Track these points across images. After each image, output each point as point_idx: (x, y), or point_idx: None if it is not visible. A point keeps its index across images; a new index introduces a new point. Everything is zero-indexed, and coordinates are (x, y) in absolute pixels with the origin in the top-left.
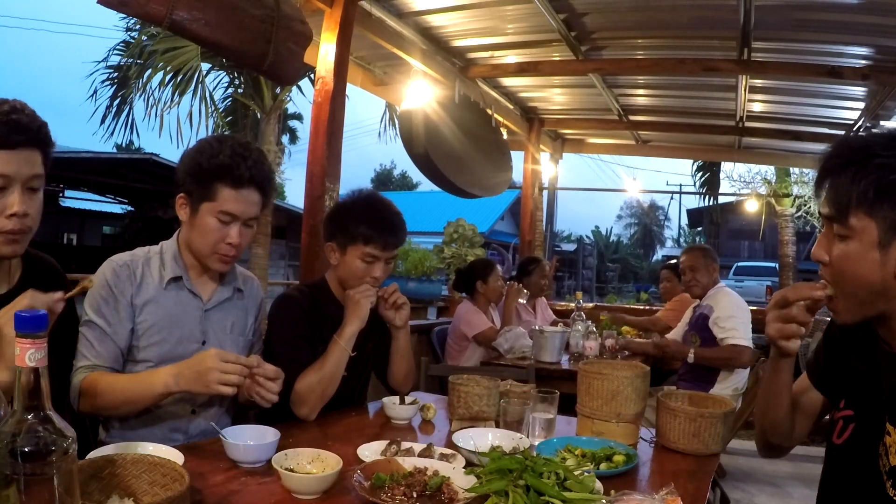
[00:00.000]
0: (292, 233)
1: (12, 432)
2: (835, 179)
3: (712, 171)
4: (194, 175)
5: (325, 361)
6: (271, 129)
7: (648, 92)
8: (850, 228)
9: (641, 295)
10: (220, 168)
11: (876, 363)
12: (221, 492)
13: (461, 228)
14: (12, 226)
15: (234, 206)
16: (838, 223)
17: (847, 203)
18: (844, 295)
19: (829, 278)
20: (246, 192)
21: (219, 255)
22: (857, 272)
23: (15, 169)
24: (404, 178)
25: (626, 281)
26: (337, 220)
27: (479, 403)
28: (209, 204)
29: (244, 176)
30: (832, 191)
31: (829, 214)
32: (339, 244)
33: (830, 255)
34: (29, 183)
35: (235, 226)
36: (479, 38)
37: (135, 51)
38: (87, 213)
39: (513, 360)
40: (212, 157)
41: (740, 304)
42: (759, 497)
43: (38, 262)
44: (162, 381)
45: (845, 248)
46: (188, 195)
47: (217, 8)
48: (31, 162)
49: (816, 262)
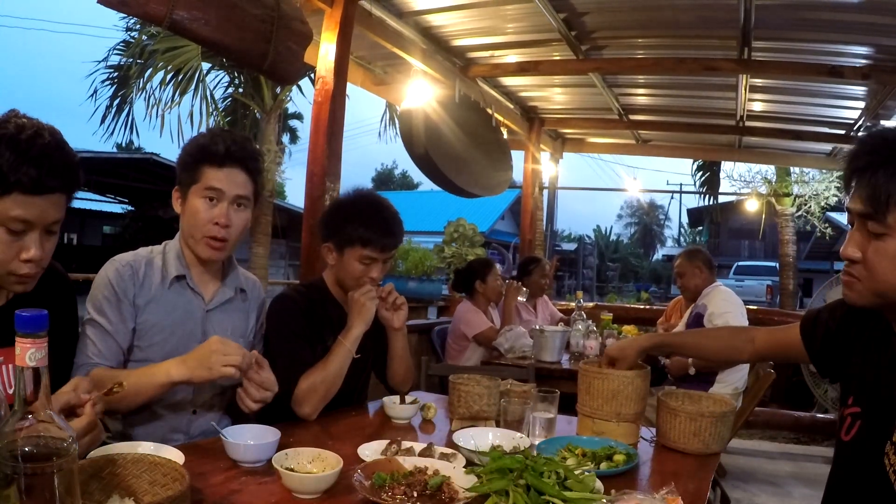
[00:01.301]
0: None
1: (13, 432)
2: (870, 177)
3: (712, 170)
4: (182, 164)
5: (329, 362)
6: (271, 129)
7: (649, 91)
8: (888, 226)
9: (642, 294)
10: (201, 149)
11: (889, 361)
12: (222, 491)
13: (461, 228)
14: (27, 270)
15: (217, 182)
16: (874, 220)
17: (886, 200)
18: (872, 289)
19: (860, 275)
20: (228, 170)
21: (206, 237)
22: (893, 269)
23: (39, 215)
24: (405, 178)
25: (626, 280)
26: (333, 222)
27: (479, 403)
28: (195, 186)
29: (221, 151)
30: (868, 188)
31: (863, 212)
32: (336, 245)
33: (864, 252)
34: (50, 227)
35: (222, 205)
36: (480, 38)
37: (135, 50)
38: (88, 212)
39: (513, 359)
40: (195, 142)
41: (734, 300)
42: (760, 496)
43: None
44: (164, 371)
45: (883, 245)
46: (180, 186)
47: (217, 7)
48: (57, 206)
49: (847, 259)
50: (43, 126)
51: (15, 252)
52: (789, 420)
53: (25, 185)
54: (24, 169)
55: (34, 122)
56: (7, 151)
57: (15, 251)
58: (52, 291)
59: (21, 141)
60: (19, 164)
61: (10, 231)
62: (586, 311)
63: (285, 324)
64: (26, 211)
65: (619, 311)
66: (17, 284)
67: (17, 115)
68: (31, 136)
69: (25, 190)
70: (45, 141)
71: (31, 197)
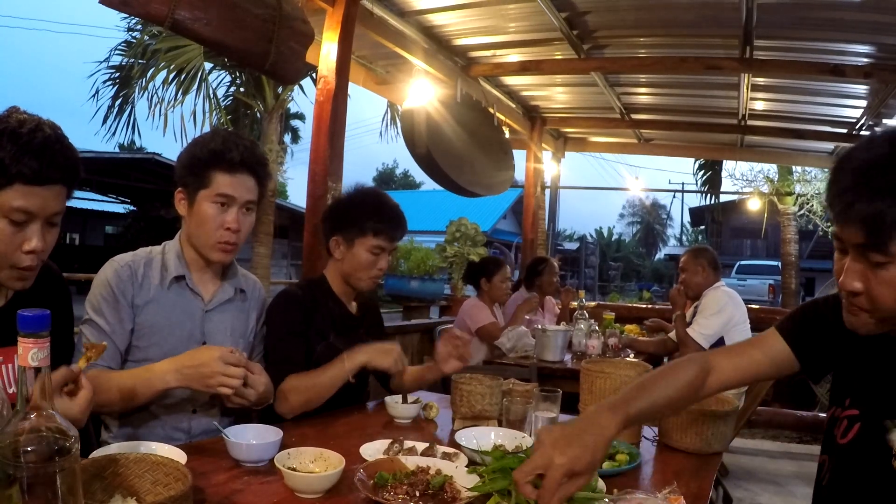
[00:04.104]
0: (294, 232)
1: (15, 432)
2: (865, 207)
3: (714, 169)
4: (189, 166)
5: (323, 374)
6: (273, 129)
7: (650, 90)
8: (890, 255)
9: (644, 293)
10: (213, 154)
11: (891, 362)
12: (224, 491)
13: (463, 227)
14: (29, 262)
15: (230, 189)
16: (875, 251)
17: (888, 230)
18: (878, 318)
19: (863, 305)
20: (240, 176)
21: (219, 243)
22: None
23: (41, 205)
24: (406, 178)
25: (628, 280)
26: (343, 214)
27: (481, 402)
28: (205, 191)
29: (236, 159)
30: (866, 219)
31: (861, 243)
32: (346, 238)
33: (866, 283)
34: (51, 218)
35: (233, 210)
36: (481, 37)
37: (137, 50)
38: (90, 212)
39: (515, 358)
40: (204, 145)
41: (728, 303)
42: (762, 496)
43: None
44: (161, 378)
45: (886, 274)
46: (185, 188)
47: (219, 7)
48: (58, 198)
49: (848, 292)
50: (43, 121)
51: (17, 244)
52: (791, 419)
53: (27, 175)
54: (26, 160)
55: (35, 117)
56: (9, 144)
57: (17, 243)
58: (48, 291)
59: (22, 134)
60: (21, 155)
61: (13, 222)
62: (588, 310)
63: (283, 321)
64: (28, 202)
65: (622, 311)
66: (17, 281)
67: (18, 111)
68: (32, 129)
69: (27, 181)
70: (45, 134)
71: (33, 188)
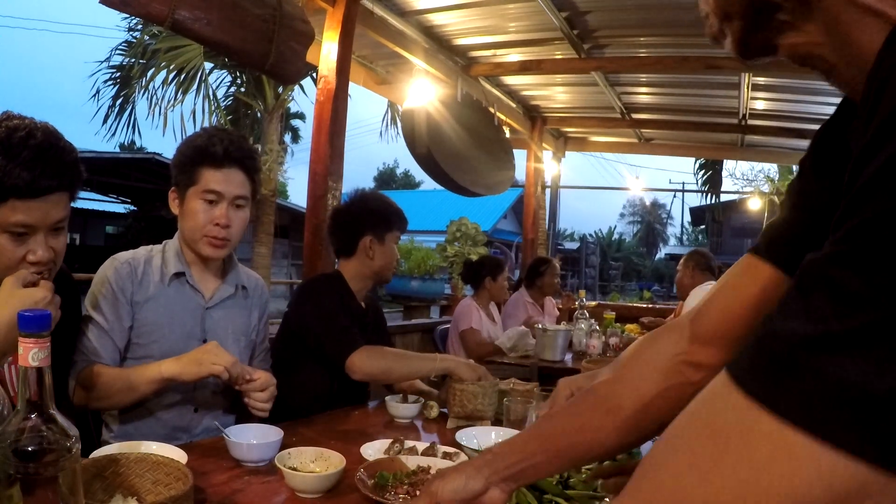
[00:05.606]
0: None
1: (16, 431)
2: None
3: (715, 169)
4: (178, 165)
5: (414, 357)
6: (273, 129)
7: (651, 90)
8: None
9: (644, 293)
10: (198, 150)
11: None
12: (225, 491)
13: (464, 227)
14: (35, 272)
15: (217, 185)
16: None
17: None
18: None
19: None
20: (227, 171)
21: (208, 237)
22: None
23: (40, 217)
24: (407, 177)
25: (629, 279)
26: (372, 216)
27: (473, 402)
28: (194, 188)
29: (220, 153)
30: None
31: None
32: (378, 236)
33: None
34: (55, 226)
35: (222, 205)
36: (482, 37)
37: (137, 50)
38: (90, 212)
39: (515, 358)
40: (190, 143)
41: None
42: None
43: None
44: (155, 366)
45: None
46: (177, 187)
47: (219, 7)
48: (59, 205)
49: None
50: (36, 125)
51: (21, 255)
52: None
53: (21, 189)
54: (17, 173)
55: (27, 122)
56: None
57: (21, 254)
58: (57, 290)
59: (12, 145)
60: (10, 168)
61: (14, 235)
62: (589, 310)
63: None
64: (27, 215)
65: (622, 310)
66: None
67: (10, 116)
68: (22, 138)
69: (21, 195)
70: (37, 141)
71: (29, 201)
